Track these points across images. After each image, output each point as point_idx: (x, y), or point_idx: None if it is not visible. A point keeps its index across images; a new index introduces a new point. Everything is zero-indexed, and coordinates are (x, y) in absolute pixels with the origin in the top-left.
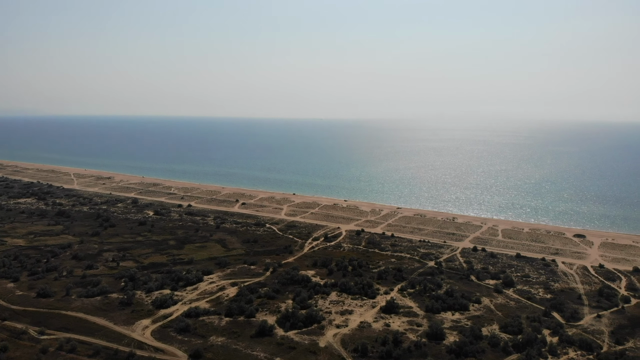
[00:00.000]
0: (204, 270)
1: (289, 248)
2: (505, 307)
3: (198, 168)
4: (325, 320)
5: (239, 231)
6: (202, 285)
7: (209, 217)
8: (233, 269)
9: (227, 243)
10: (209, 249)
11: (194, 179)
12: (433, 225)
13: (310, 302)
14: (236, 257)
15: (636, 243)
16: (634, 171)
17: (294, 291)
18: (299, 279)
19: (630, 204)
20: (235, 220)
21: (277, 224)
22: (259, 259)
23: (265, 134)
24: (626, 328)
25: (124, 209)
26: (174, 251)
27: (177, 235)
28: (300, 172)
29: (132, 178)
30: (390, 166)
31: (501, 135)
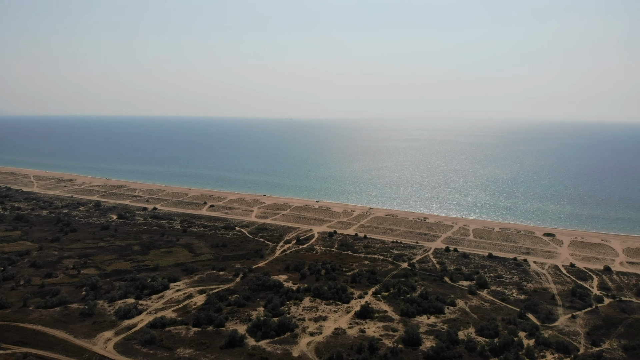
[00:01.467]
0: (170, 277)
1: (259, 252)
2: (480, 309)
3: (164, 169)
4: (299, 327)
5: (207, 235)
6: (168, 293)
7: (176, 221)
8: (201, 276)
9: (194, 248)
10: (176, 254)
11: (160, 181)
12: (405, 225)
13: (283, 309)
14: (204, 262)
15: (605, 241)
16: (598, 169)
17: (265, 298)
18: (270, 284)
19: (596, 202)
20: (203, 223)
21: (247, 227)
22: (228, 264)
23: (234, 134)
24: (601, 329)
25: (86, 213)
26: (139, 257)
27: (142, 240)
28: (271, 172)
29: (95, 180)
30: (361, 166)
31: (468, 135)
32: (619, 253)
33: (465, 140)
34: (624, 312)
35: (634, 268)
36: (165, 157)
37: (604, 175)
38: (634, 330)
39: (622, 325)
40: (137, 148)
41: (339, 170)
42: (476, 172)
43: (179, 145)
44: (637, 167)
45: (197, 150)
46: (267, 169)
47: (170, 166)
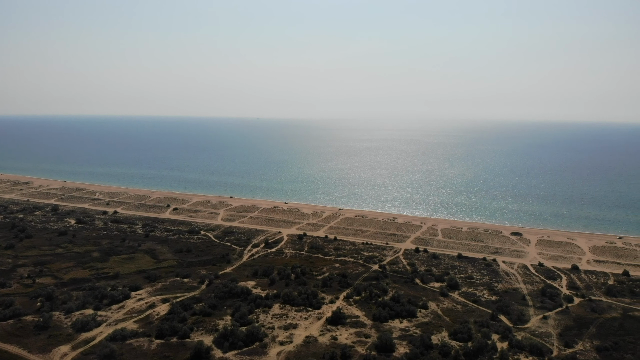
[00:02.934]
0: (131, 286)
1: (226, 257)
2: (453, 311)
3: (125, 170)
4: (268, 337)
5: (170, 240)
6: (129, 302)
7: (137, 225)
8: (164, 283)
9: (157, 253)
10: (137, 260)
11: (121, 183)
12: (374, 226)
13: (251, 317)
14: (167, 269)
15: (571, 240)
16: (559, 168)
17: (232, 306)
18: (238, 291)
19: (559, 200)
20: (166, 227)
21: (213, 231)
22: (193, 271)
23: (198, 134)
24: (573, 329)
25: (43, 218)
26: (98, 264)
27: (102, 246)
28: (237, 173)
29: (53, 183)
30: (329, 166)
31: (432, 135)
32: (586, 251)
33: (431, 140)
34: (595, 311)
35: (601, 266)
36: (127, 158)
37: (565, 173)
38: (606, 331)
39: (594, 325)
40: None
41: (308, 171)
42: (442, 172)
43: (142, 145)
44: (597, 166)
45: (161, 151)
46: (234, 170)
47: (132, 167)
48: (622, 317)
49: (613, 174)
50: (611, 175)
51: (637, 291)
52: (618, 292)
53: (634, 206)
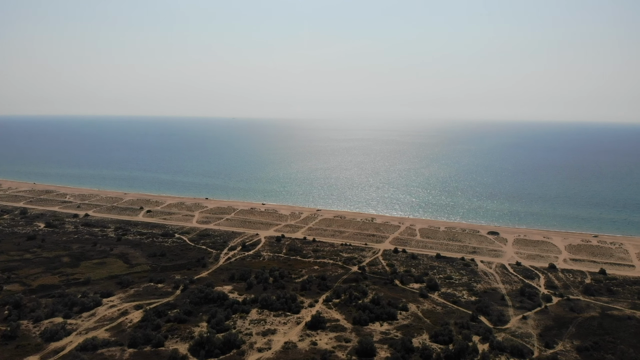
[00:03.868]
0: (102, 292)
1: (202, 261)
2: (433, 313)
3: (97, 172)
4: (246, 344)
5: (143, 243)
6: (100, 310)
7: (109, 228)
8: (137, 289)
9: (129, 258)
10: (109, 265)
11: (93, 185)
12: (353, 227)
13: (228, 323)
14: (140, 274)
15: (547, 238)
16: (533, 167)
17: (208, 312)
18: (214, 296)
19: (534, 199)
20: (139, 230)
21: (188, 233)
22: (167, 276)
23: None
24: (553, 329)
25: (11, 222)
26: (68, 270)
27: (72, 250)
28: (213, 174)
29: (22, 185)
30: (306, 167)
31: (408, 135)
32: (562, 250)
33: (409, 140)
34: (573, 311)
35: (578, 265)
36: (100, 159)
37: (539, 172)
38: (585, 330)
39: (573, 325)
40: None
41: (286, 171)
42: (418, 172)
43: (114, 146)
44: (570, 165)
45: (134, 151)
46: (209, 171)
47: (104, 169)
48: (600, 317)
49: (586, 173)
50: (584, 174)
51: (614, 290)
52: (596, 291)
53: (607, 204)
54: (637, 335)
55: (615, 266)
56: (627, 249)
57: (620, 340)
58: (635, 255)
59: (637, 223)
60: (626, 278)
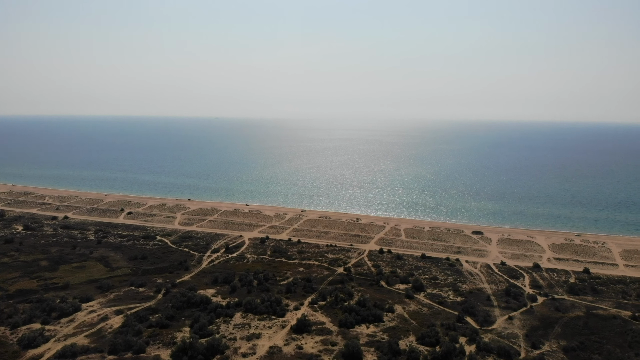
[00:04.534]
0: (82, 297)
1: (184, 264)
2: (419, 314)
3: (77, 173)
4: (230, 349)
5: (124, 246)
6: (80, 315)
7: (89, 231)
8: (118, 293)
9: (110, 261)
10: (89, 269)
11: (72, 186)
12: (338, 227)
13: (211, 328)
14: (121, 278)
15: (530, 238)
16: (514, 167)
17: (191, 316)
18: (196, 300)
19: (517, 198)
20: (120, 233)
21: (170, 236)
22: (148, 279)
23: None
24: (539, 329)
25: None
26: (47, 274)
27: (51, 254)
28: (195, 174)
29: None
30: (290, 167)
31: (391, 135)
32: (545, 249)
33: (391, 140)
34: (559, 310)
35: (562, 264)
36: (79, 160)
37: (520, 172)
38: (571, 330)
39: (559, 324)
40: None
41: (270, 171)
42: (401, 172)
43: (95, 146)
44: (551, 164)
45: (115, 152)
46: (192, 171)
47: (84, 170)
48: (586, 316)
49: (567, 172)
50: (565, 173)
51: (598, 289)
52: (580, 290)
53: (588, 203)
54: (623, 335)
55: (599, 265)
56: (610, 248)
57: (606, 340)
58: (618, 254)
59: (618, 222)
60: (610, 277)
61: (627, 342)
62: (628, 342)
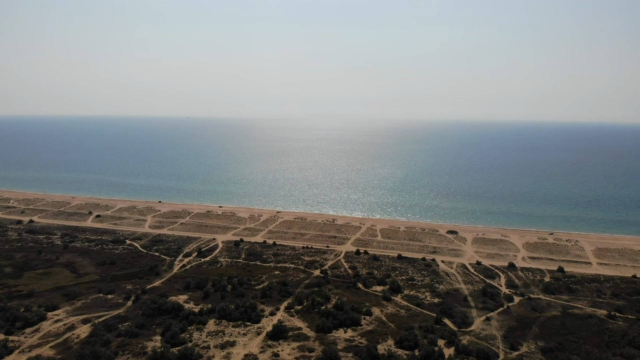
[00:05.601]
0: (47, 305)
1: (154, 269)
2: (397, 316)
3: (42, 175)
4: (203, 358)
5: (92, 251)
6: (45, 325)
7: (56, 235)
8: (85, 301)
9: (77, 267)
10: (55, 275)
11: (38, 189)
12: (314, 228)
13: (184, 336)
14: (89, 284)
15: (504, 237)
16: (486, 166)
17: (162, 324)
18: (168, 307)
19: (490, 198)
20: (87, 237)
21: (140, 239)
22: (117, 286)
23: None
24: (516, 330)
25: None
26: (10, 281)
27: (15, 260)
28: (166, 175)
29: None
30: (264, 167)
31: (364, 135)
32: (520, 248)
33: (364, 140)
34: (535, 310)
35: (536, 263)
36: (46, 161)
37: (492, 171)
38: (548, 330)
39: (536, 324)
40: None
41: (243, 172)
42: (376, 171)
43: (62, 147)
44: (521, 163)
45: (82, 153)
46: (162, 172)
47: (50, 171)
48: (562, 316)
49: (537, 171)
50: (535, 172)
51: (573, 288)
52: (555, 290)
53: (559, 202)
54: (600, 335)
55: (573, 263)
56: (582, 246)
57: (584, 340)
58: (591, 252)
59: (590, 220)
60: (584, 275)
61: (605, 342)
62: (605, 342)
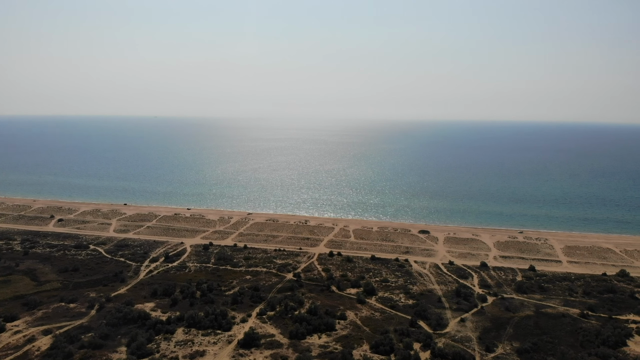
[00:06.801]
0: (6, 316)
1: (120, 275)
2: (372, 320)
3: (2, 177)
4: None
5: (54, 257)
6: (3, 337)
7: (15, 241)
8: (46, 310)
9: (38, 274)
10: (14, 284)
11: None
12: (287, 230)
13: (151, 346)
14: (50, 293)
15: (475, 236)
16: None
17: (128, 334)
18: (134, 316)
19: (459, 196)
20: (49, 242)
21: (105, 244)
22: (80, 294)
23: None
24: (491, 331)
25: None
26: None
27: None
28: (132, 177)
29: None
30: (234, 168)
31: (335, 135)
32: (491, 247)
33: (335, 139)
34: (509, 310)
35: (508, 262)
36: (4, 163)
37: (460, 170)
38: (522, 331)
39: (510, 325)
40: None
41: (213, 173)
42: (347, 171)
43: (21, 148)
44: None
45: (43, 154)
46: (128, 174)
47: (10, 173)
48: (536, 315)
49: (504, 170)
50: (503, 170)
51: (545, 287)
52: (528, 289)
53: (527, 200)
54: (574, 334)
55: (544, 262)
56: (552, 244)
57: (558, 340)
58: (560, 251)
59: (557, 218)
60: (555, 274)
61: (579, 341)
62: (580, 342)
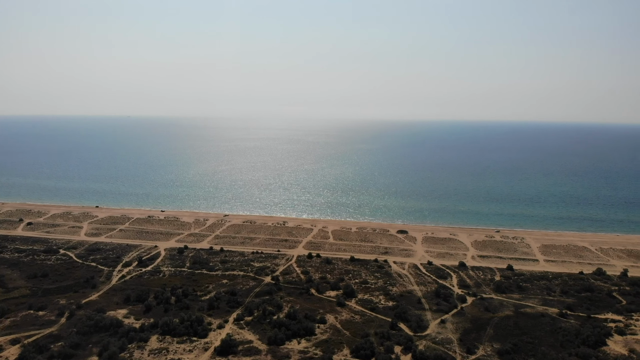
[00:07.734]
0: None
1: (91, 281)
2: (352, 323)
3: None
4: None
5: (22, 262)
6: None
7: None
8: (14, 319)
9: (5, 281)
10: None
11: None
12: (265, 232)
13: (123, 355)
14: (18, 300)
15: (453, 235)
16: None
17: (100, 343)
18: (106, 323)
19: (436, 196)
20: (17, 247)
21: (75, 249)
22: (50, 301)
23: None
24: (471, 332)
25: None
26: None
27: None
28: (104, 178)
29: None
30: (209, 168)
31: (312, 135)
32: (469, 247)
33: (311, 139)
34: (488, 310)
35: (486, 262)
36: None
37: (436, 169)
38: (502, 331)
39: (490, 326)
40: None
41: (187, 174)
42: (324, 171)
43: None
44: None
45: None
46: (99, 175)
47: None
48: (515, 315)
49: (479, 169)
50: (478, 170)
51: (523, 286)
52: (506, 288)
53: (503, 199)
54: (554, 334)
55: (521, 261)
56: (529, 243)
57: (539, 340)
58: (537, 249)
59: (533, 217)
60: (533, 273)
61: (559, 341)
62: (560, 342)
